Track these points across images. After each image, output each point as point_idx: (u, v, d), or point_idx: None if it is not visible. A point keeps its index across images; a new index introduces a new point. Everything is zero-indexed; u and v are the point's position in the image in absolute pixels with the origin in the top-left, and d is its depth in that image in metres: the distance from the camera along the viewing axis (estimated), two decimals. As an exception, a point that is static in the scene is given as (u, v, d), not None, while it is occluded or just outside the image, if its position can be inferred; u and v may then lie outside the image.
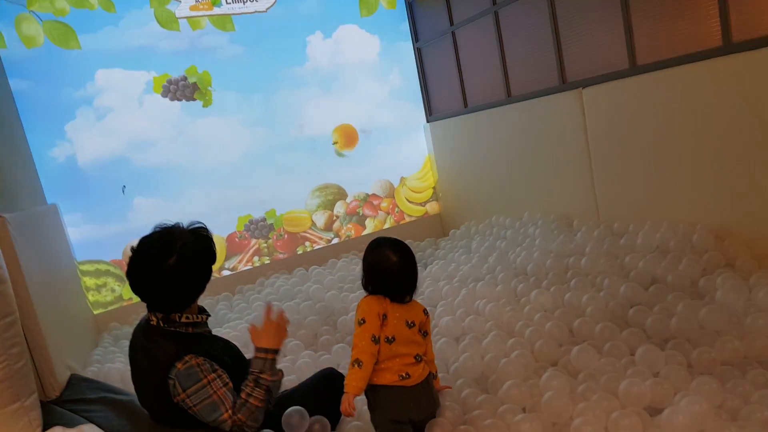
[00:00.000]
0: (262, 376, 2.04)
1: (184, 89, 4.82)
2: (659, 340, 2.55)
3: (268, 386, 2.05)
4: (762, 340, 2.32)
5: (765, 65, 2.76)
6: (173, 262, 1.95)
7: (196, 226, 2.09)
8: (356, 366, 2.02)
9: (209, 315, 2.18)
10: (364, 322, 2.04)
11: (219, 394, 1.96)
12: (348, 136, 5.51)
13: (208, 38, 4.85)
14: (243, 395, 2.01)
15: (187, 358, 1.95)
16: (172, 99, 4.76)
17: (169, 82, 4.77)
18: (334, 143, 5.41)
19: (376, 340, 2.03)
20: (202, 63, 4.83)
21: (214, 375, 1.97)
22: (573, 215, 4.14)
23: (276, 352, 2.11)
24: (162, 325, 2.03)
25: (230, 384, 2.02)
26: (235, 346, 2.26)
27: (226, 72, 4.93)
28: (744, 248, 3.01)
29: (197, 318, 2.10)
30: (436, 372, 2.30)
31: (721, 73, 2.96)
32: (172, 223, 2.06)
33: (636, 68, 3.49)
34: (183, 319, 2.05)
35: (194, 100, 4.85)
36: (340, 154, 5.46)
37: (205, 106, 4.86)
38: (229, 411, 1.96)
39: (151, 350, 2.01)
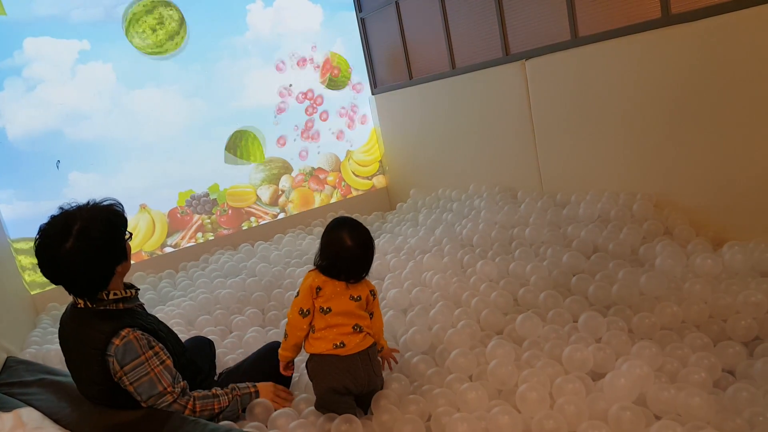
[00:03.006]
0: (236, 392, 2.14)
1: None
2: (601, 307, 2.62)
3: (229, 404, 2.11)
4: (699, 305, 2.40)
5: (702, 37, 2.82)
6: (70, 246, 1.86)
7: (106, 203, 2.00)
8: (284, 338, 2.22)
9: (138, 289, 2.12)
10: (298, 295, 2.15)
11: (156, 372, 1.93)
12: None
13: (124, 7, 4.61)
14: (215, 391, 2.09)
15: (123, 333, 1.90)
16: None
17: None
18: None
19: (304, 313, 2.12)
20: (118, 33, 4.59)
21: (151, 352, 1.94)
22: (517, 187, 4.19)
23: (257, 395, 2.21)
24: (90, 305, 1.96)
25: (168, 361, 1.99)
26: (165, 324, 2.23)
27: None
28: (682, 216, 3.10)
29: (125, 293, 2.03)
30: (382, 346, 2.32)
31: (660, 44, 3.01)
32: (77, 204, 1.97)
33: (578, 40, 3.52)
34: (111, 296, 1.98)
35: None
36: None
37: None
38: (168, 388, 1.95)
39: (84, 333, 1.94)
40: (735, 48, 2.71)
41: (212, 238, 5.09)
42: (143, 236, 4.81)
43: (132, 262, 4.74)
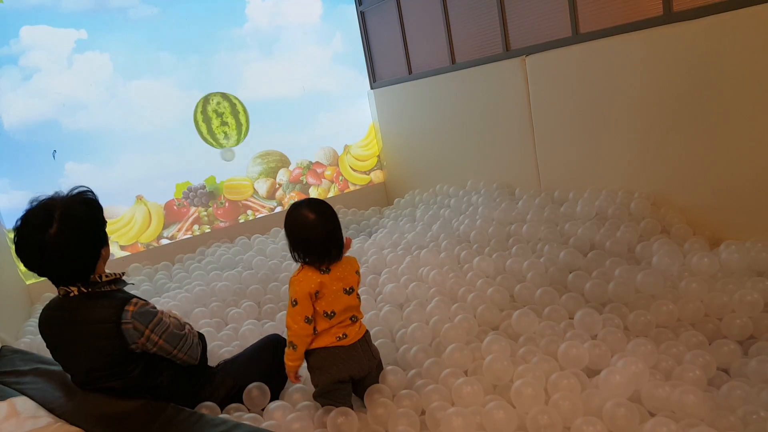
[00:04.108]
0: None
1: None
2: (597, 304, 2.62)
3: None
4: (694, 303, 2.40)
5: (704, 35, 2.82)
6: (55, 231, 1.87)
7: (78, 190, 2.01)
8: (291, 348, 2.09)
9: (123, 272, 2.12)
10: (297, 303, 2.04)
11: (173, 323, 2.06)
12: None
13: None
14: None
15: (134, 300, 1.97)
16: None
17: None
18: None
19: (309, 321, 2.05)
20: (115, 23, 4.57)
21: (161, 312, 2.03)
22: (515, 183, 4.19)
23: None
24: (86, 290, 1.96)
25: (172, 311, 2.18)
26: None
27: (158, 31, 4.73)
28: (679, 215, 3.11)
29: (114, 275, 2.05)
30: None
31: (662, 42, 3.01)
32: (49, 195, 1.98)
33: (578, 36, 3.51)
34: (104, 278, 2.00)
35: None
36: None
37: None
38: (187, 326, 2.14)
39: (88, 315, 1.94)
40: (735, 47, 2.71)
41: (209, 230, 5.08)
42: (139, 228, 4.80)
43: (128, 253, 4.76)
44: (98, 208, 2.03)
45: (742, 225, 2.87)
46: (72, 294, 1.97)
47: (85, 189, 2.03)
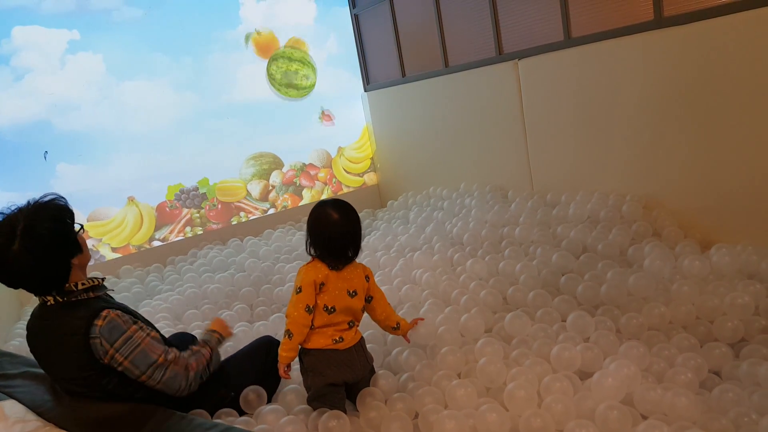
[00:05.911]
0: (209, 343, 2.17)
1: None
2: (589, 307, 2.63)
3: (212, 352, 2.13)
4: (686, 306, 2.42)
5: (694, 40, 2.84)
6: (17, 248, 1.81)
7: (46, 199, 1.95)
8: (287, 336, 2.08)
9: (103, 278, 2.09)
10: (301, 291, 2.06)
11: (146, 342, 1.91)
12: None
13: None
14: (194, 348, 2.10)
15: (104, 314, 1.87)
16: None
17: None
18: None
19: (309, 310, 2.06)
20: (109, 24, 4.53)
21: (135, 327, 1.92)
22: (508, 186, 4.19)
23: (222, 337, 2.25)
24: (61, 300, 1.92)
25: (154, 333, 1.99)
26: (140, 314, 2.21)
27: (152, 33, 4.72)
28: (671, 218, 3.12)
29: (92, 282, 1.99)
30: (397, 322, 2.32)
31: (652, 47, 3.03)
32: (18, 207, 1.92)
33: (571, 41, 3.52)
34: (80, 286, 1.94)
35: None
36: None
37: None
38: (163, 356, 1.93)
39: (62, 324, 1.90)
40: (727, 52, 2.72)
41: (201, 232, 5.06)
42: (131, 229, 4.77)
43: (119, 255, 4.72)
44: (65, 220, 1.94)
45: (733, 228, 2.89)
46: (49, 303, 1.93)
47: (52, 197, 1.96)
